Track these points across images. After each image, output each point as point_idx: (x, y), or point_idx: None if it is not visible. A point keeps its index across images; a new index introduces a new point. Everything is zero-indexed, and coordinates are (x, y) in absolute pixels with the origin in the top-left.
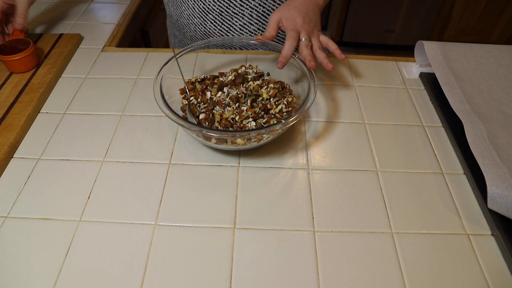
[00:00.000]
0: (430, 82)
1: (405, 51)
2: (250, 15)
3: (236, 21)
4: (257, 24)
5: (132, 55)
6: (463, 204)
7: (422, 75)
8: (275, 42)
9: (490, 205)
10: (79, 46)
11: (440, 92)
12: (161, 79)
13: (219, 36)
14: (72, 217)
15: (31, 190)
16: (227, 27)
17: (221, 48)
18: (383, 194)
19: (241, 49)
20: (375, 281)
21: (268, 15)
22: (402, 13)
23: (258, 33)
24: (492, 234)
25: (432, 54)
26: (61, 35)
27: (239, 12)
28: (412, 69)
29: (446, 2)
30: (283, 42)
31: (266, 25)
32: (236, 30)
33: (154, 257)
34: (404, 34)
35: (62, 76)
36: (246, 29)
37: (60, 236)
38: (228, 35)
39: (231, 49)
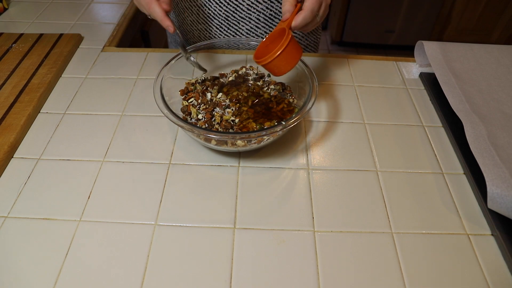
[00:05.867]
0: (430, 82)
1: (405, 51)
2: (258, 18)
3: (243, 25)
4: (264, 27)
5: (132, 55)
6: (463, 204)
7: (422, 75)
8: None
9: (490, 205)
10: (79, 46)
11: (440, 92)
12: (161, 80)
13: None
14: (72, 217)
15: (31, 190)
16: (233, 31)
17: (221, 48)
18: (383, 194)
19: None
20: (375, 281)
21: (276, 18)
22: (402, 13)
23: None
24: (492, 234)
25: (432, 54)
26: (61, 35)
27: (246, 16)
28: (412, 69)
29: (446, 2)
30: None
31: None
32: (243, 35)
33: (154, 257)
34: (404, 34)
35: (62, 76)
36: (253, 33)
37: (60, 236)
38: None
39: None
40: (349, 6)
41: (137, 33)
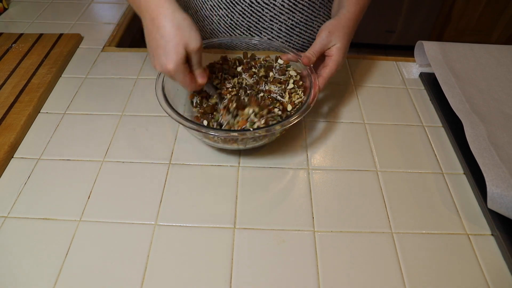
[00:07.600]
0: (430, 82)
1: (405, 51)
2: (282, 4)
3: (267, 12)
4: (288, 13)
5: (132, 55)
6: (463, 204)
7: (422, 75)
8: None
9: (490, 205)
10: (79, 46)
11: (440, 92)
12: (163, 79)
13: (246, 28)
14: (72, 217)
15: (31, 190)
16: (256, 18)
17: (223, 48)
18: (383, 194)
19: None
20: (375, 281)
21: (299, 3)
22: (402, 13)
23: (288, 23)
24: (492, 234)
25: (432, 54)
26: (61, 35)
27: (270, 2)
28: (412, 69)
29: (446, 2)
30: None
31: (295, 16)
32: (266, 21)
33: (154, 257)
34: (404, 34)
35: (62, 76)
36: (277, 19)
37: (60, 236)
38: (257, 27)
39: (233, 49)
40: None
41: (137, 33)
